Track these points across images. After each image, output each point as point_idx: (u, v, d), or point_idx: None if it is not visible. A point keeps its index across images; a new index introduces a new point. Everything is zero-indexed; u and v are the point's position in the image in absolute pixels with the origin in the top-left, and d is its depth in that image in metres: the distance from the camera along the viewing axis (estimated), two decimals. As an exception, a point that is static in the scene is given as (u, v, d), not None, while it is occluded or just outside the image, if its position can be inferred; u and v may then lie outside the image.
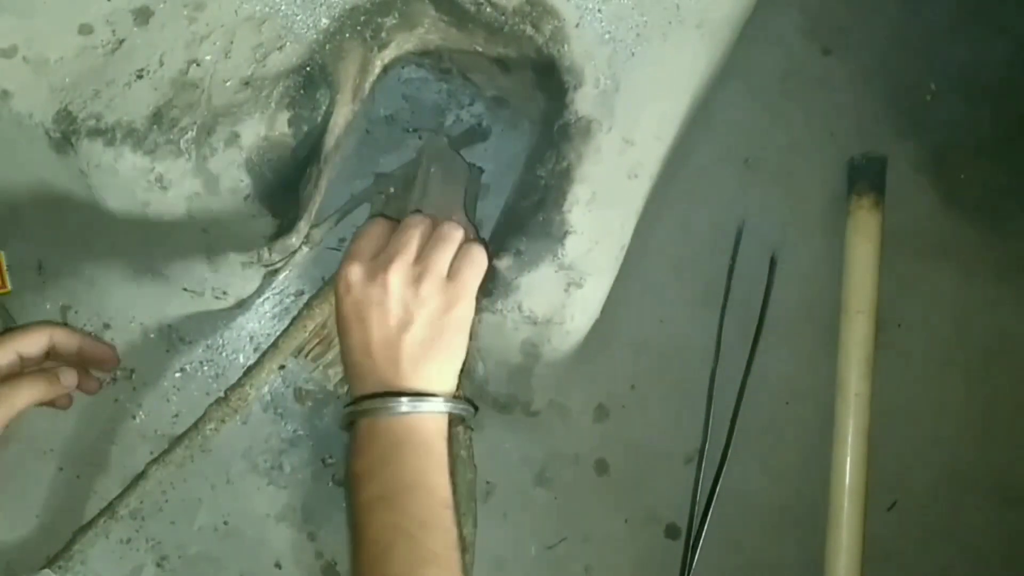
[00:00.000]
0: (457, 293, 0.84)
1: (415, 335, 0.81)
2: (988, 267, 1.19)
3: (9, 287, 1.09)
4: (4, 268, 1.08)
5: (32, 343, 1.02)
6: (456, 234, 0.88)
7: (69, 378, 1.04)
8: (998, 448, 1.18)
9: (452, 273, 0.86)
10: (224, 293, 1.10)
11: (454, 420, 0.91)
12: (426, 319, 0.82)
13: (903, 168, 1.19)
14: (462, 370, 0.90)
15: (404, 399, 0.81)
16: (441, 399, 0.84)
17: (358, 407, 0.83)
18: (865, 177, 1.17)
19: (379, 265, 0.82)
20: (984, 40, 1.22)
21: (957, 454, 1.18)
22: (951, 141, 1.21)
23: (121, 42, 0.99)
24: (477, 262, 0.88)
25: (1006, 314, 1.19)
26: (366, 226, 0.88)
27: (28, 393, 0.99)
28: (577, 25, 1.03)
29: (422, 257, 0.84)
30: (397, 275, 0.81)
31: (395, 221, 0.91)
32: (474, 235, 1.03)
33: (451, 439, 0.90)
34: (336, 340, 1.09)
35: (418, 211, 0.99)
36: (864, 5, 1.22)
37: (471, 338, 0.89)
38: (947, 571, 1.18)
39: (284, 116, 1.01)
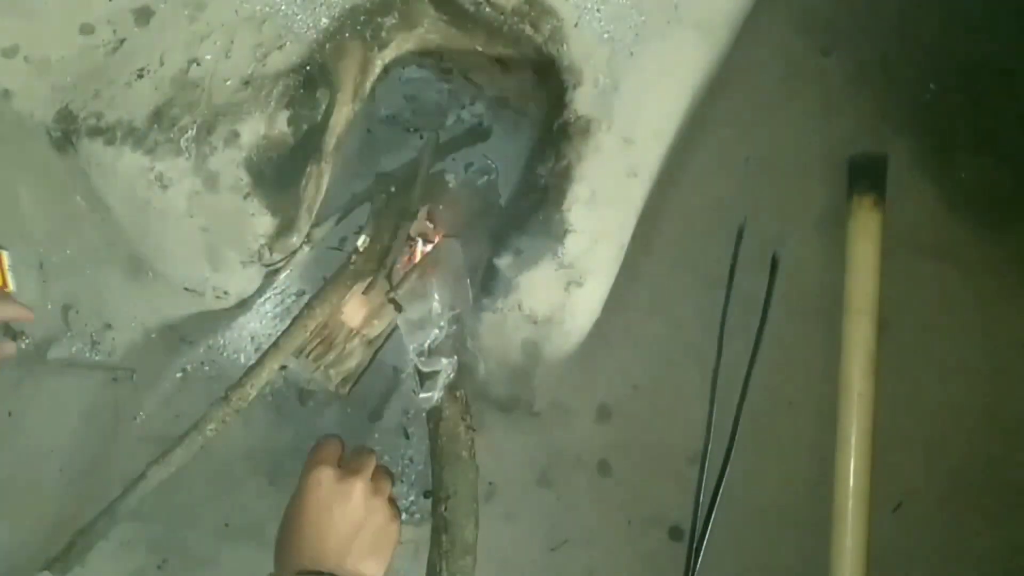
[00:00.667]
0: (394, 514, 0.95)
1: (364, 538, 0.92)
2: (989, 266, 1.18)
3: (11, 286, 1.08)
4: (6, 267, 1.07)
5: None
6: (389, 475, 0.98)
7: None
8: (1002, 448, 1.16)
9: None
10: (225, 293, 1.09)
11: None
12: (374, 528, 0.93)
13: (904, 167, 1.17)
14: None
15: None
16: None
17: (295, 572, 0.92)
18: (866, 176, 1.15)
19: (346, 473, 0.93)
20: (983, 39, 1.21)
21: (961, 455, 1.16)
22: (951, 140, 1.19)
23: (122, 42, 0.99)
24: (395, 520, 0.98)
25: (1008, 313, 1.17)
26: (322, 441, 0.96)
27: None
28: (576, 25, 1.03)
29: (374, 479, 0.94)
30: (361, 486, 0.92)
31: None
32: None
33: (455, 439, 0.99)
34: (338, 340, 1.09)
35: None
36: (863, 5, 1.21)
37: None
38: (952, 573, 1.16)
39: (284, 115, 1.00)
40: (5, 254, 1.06)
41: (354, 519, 0.93)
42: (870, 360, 1.12)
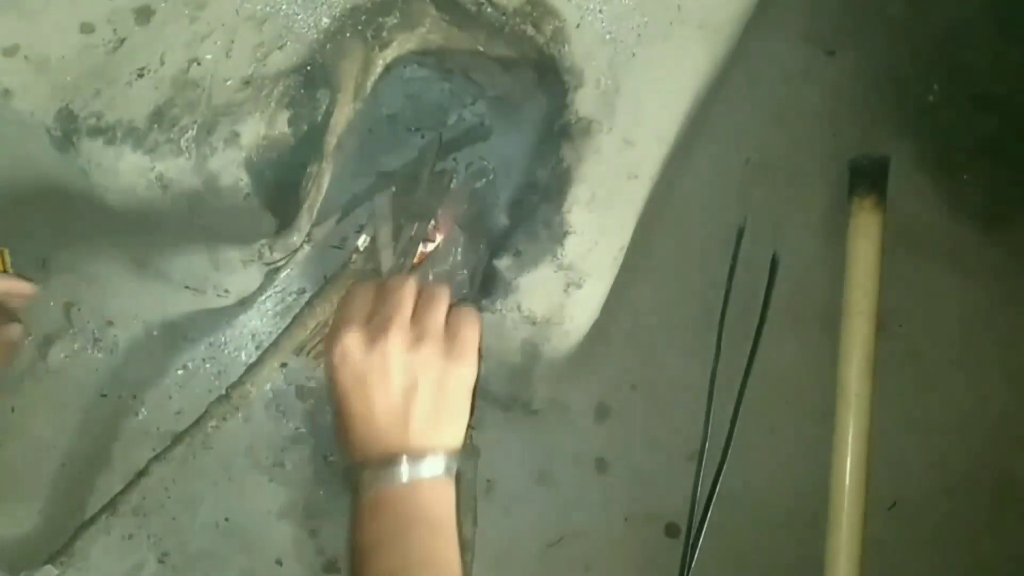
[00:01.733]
0: (458, 353, 0.78)
1: (422, 402, 0.75)
2: (989, 267, 1.16)
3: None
4: (9, 265, 1.06)
5: None
6: (444, 292, 0.82)
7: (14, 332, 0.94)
8: (998, 448, 1.15)
9: (450, 333, 0.79)
10: (226, 291, 1.08)
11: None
12: (431, 384, 0.76)
13: (905, 169, 1.15)
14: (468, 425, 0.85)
15: (414, 465, 0.74)
16: (449, 461, 0.77)
17: (365, 475, 0.75)
18: (867, 178, 1.13)
19: (376, 330, 0.75)
20: (986, 42, 1.19)
21: (957, 455, 1.15)
22: (953, 142, 1.17)
23: (122, 41, 0.97)
24: (472, 321, 0.83)
25: (1007, 314, 1.16)
26: (352, 290, 0.82)
27: None
28: (578, 25, 1.01)
29: (417, 318, 0.78)
30: (396, 341, 0.75)
31: (379, 282, 0.87)
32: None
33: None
34: None
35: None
36: (866, 7, 1.18)
37: (474, 396, 0.83)
38: (946, 571, 1.15)
39: (284, 115, 0.99)
40: (6, 251, 1.05)
41: (401, 388, 0.75)
42: (868, 361, 1.10)
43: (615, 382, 1.15)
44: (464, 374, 0.78)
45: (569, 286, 1.01)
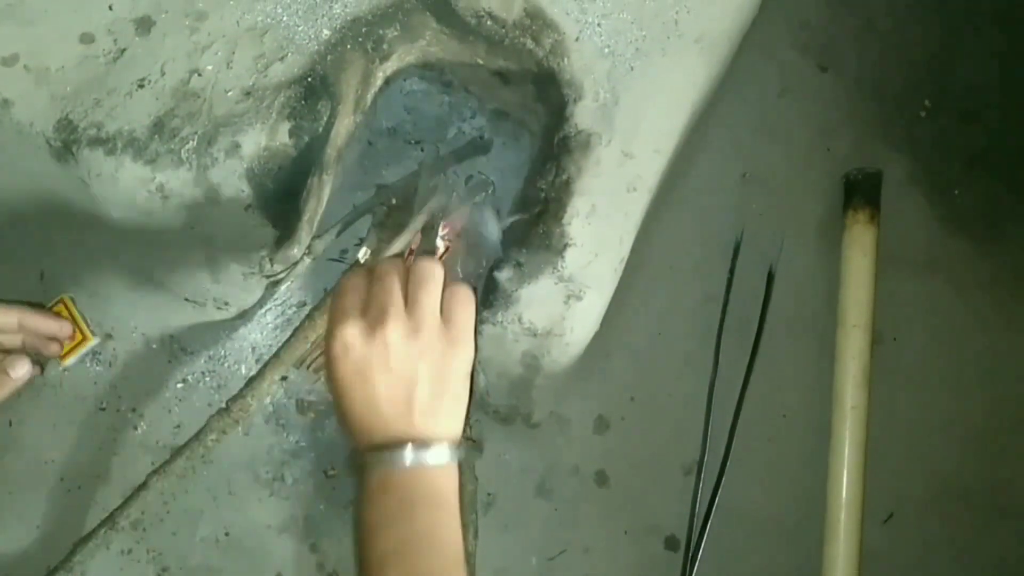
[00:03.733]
0: (455, 338, 0.77)
1: (423, 389, 0.75)
2: (982, 280, 1.15)
3: (92, 336, 1.01)
4: (79, 316, 1.00)
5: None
6: (436, 271, 0.79)
7: (21, 369, 0.92)
8: (993, 460, 1.14)
9: (445, 317, 0.78)
10: (226, 303, 1.04)
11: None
12: (431, 371, 0.75)
13: (898, 183, 1.15)
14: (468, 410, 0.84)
15: (419, 452, 0.74)
16: (452, 448, 0.76)
17: (370, 460, 0.75)
18: (861, 192, 1.12)
19: (374, 321, 0.75)
20: (977, 58, 1.18)
21: (952, 467, 1.14)
22: (945, 157, 1.16)
23: (122, 51, 0.93)
24: (466, 301, 0.81)
25: (999, 327, 1.14)
26: (342, 281, 0.80)
27: None
28: (577, 39, 0.98)
29: (411, 304, 0.77)
30: (395, 330, 0.74)
31: (369, 269, 0.84)
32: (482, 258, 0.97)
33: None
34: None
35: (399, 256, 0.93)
36: (860, 23, 1.17)
37: (472, 374, 0.83)
38: (942, 582, 1.12)
39: (285, 126, 0.95)
40: (71, 299, 0.99)
41: (403, 377, 0.74)
42: (864, 373, 1.09)
43: (614, 395, 1.13)
44: (463, 358, 0.77)
45: (569, 298, 0.97)
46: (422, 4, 0.98)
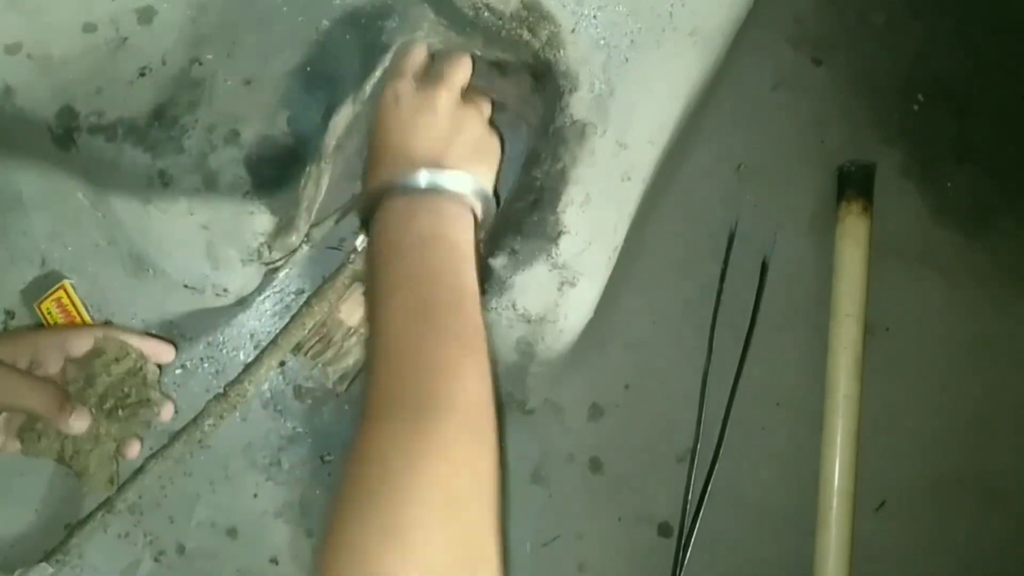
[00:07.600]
0: (495, 133, 0.84)
1: (461, 141, 0.79)
2: (974, 272, 1.15)
3: (92, 322, 1.02)
4: (79, 302, 0.99)
5: (80, 344, 0.95)
6: (487, 99, 0.87)
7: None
8: (984, 449, 1.13)
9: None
10: (224, 290, 1.04)
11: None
12: (474, 135, 0.81)
13: (891, 175, 1.14)
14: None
15: (433, 173, 0.76)
16: (472, 181, 0.79)
17: (389, 182, 0.77)
18: (854, 184, 1.12)
19: (428, 84, 0.79)
20: (968, 51, 1.18)
21: (944, 455, 1.13)
22: (938, 149, 1.16)
23: (124, 40, 0.95)
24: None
25: (990, 317, 1.14)
26: (408, 48, 0.85)
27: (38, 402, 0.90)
28: (573, 31, 0.98)
29: (468, 95, 0.83)
30: (446, 97, 0.79)
31: (435, 51, 0.89)
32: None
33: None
34: (336, 338, 1.04)
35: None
36: (854, 16, 1.17)
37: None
38: (935, 571, 1.12)
39: (284, 115, 0.96)
40: (68, 284, 1.00)
41: (444, 126, 0.78)
42: (856, 363, 1.09)
43: (609, 383, 1.13)
44: (498, 149, 0.84)
45: (563, 285, 0.98)
46: (420, -5, 0.99)
